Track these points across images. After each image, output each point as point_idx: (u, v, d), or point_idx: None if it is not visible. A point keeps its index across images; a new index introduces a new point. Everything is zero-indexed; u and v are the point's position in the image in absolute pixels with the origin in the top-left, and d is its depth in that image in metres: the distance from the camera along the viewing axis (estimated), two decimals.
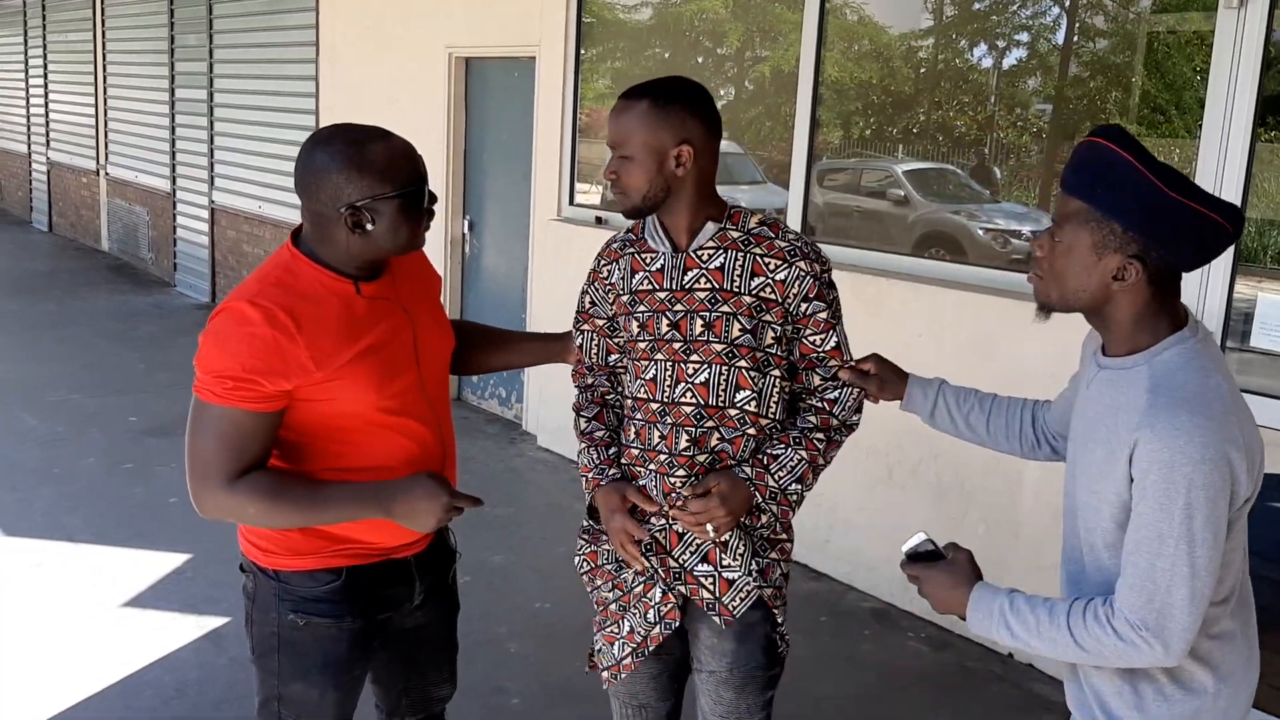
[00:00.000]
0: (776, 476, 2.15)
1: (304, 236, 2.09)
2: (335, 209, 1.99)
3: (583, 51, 6.14)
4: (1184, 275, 1.76)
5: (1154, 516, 1.59)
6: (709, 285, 2.15)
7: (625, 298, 2.24)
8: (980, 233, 4.82)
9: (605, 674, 2.37)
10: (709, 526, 2.12)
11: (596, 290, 2.33)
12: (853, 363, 2.22)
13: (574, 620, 4.24)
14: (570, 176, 6.23)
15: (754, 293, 2.14)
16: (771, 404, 2.19)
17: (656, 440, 2.19)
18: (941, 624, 4.27)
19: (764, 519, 2.20)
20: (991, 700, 3.84)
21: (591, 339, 2.36)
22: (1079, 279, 1.70)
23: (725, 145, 3.92)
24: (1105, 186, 1.64)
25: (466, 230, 7.14)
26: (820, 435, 2.19)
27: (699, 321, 2.14)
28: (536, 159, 6.39)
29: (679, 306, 2.17)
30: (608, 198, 6.31)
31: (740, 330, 2.13)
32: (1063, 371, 2.14)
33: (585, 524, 2.40)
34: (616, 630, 2.33)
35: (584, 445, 2.34)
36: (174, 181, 10.86)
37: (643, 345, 2.20)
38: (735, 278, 2.14)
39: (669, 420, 2.18)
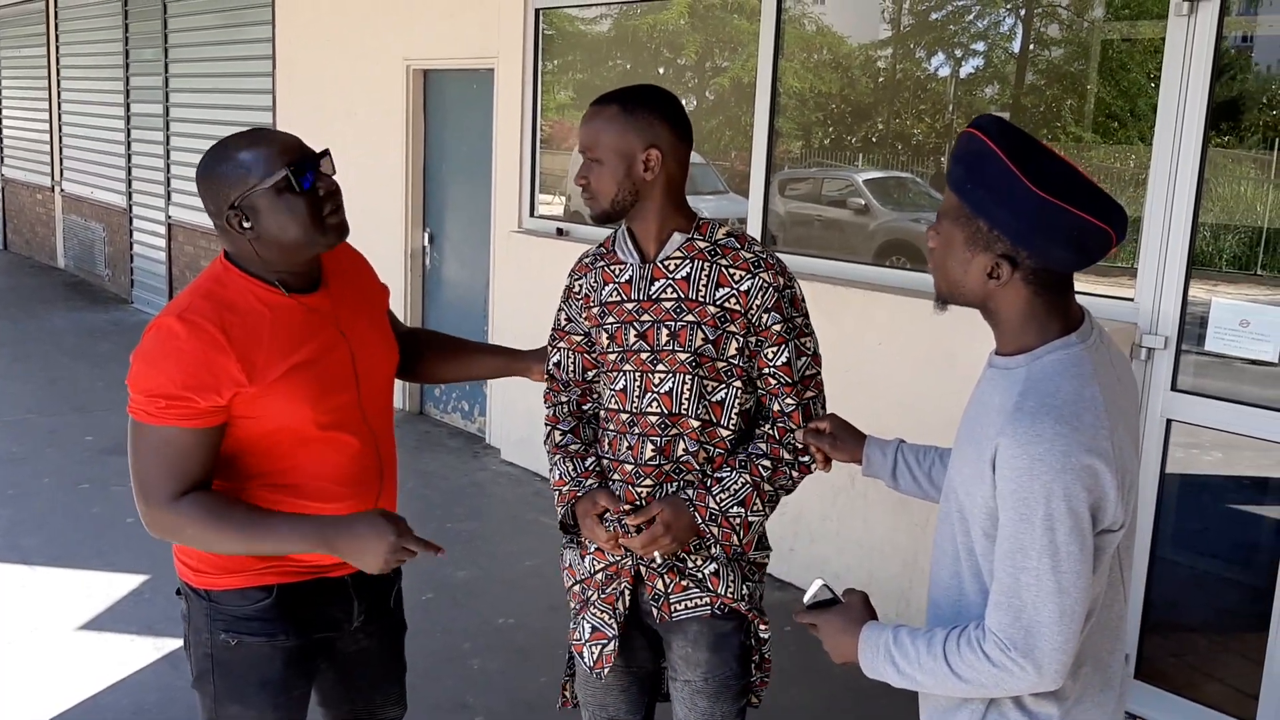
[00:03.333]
0: (718, 498, 2.14)
1: None
2: (223, 215, 1.96)
3: (543, 63, 6.13)
4: (1142, 275, 1.71)
5: (1015, 528, 1.51)
6: (674, 295, 2.14)
7: (595, 310, 2.23)
8: None
9: (588, 669, 2.29)
10: (656, 554, 2.14)
11: (572, 306, 2.31)
12: (810, 424, 2.16)
13: (539, 635, 4.21)
14: (531, 188, 6.21)
15: (718, 303, 2.13)
16: (732, 416, 2.17)
17: (624, 450, 2.19)
18: None
19: (714, 547, 2.16)
20: None
21: (569, 356, 2.32)
22: (957, 274, 1.62)
23: None
24: (974, 182, 1.55)
25: (426, 242, 7.10)
26: (767, 462, 2.17)
27: (664, 331, 2.14)
28: (497, 171, 6.36)
29: (646, 317, 2.16)
30: (570, 208, 6.30)
31: (704, 340, 2.12)
32: None
33: (565, 542, 2.35)
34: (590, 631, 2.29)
35: (558, 457, 2.29)
36: (130, 197, 10.74)
37: (613, 356, 2.20)
38: (700, 287, 2.13)
39: (636, 430, 2.17)
